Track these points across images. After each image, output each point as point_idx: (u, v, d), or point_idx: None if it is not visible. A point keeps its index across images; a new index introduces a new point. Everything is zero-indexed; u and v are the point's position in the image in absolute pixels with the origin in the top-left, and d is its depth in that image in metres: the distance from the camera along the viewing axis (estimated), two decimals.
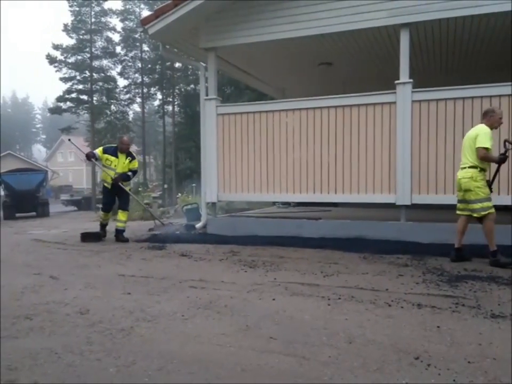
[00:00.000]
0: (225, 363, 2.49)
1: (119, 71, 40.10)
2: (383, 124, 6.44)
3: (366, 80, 9.06)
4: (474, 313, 3.26)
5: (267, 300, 3.70)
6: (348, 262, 5.20)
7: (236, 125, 7.40)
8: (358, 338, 2.82)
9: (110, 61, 39.33)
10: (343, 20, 6.41)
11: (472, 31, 6.84)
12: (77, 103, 37.45)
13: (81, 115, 39.06)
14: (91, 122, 37.45)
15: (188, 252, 5.96)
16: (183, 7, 6.87)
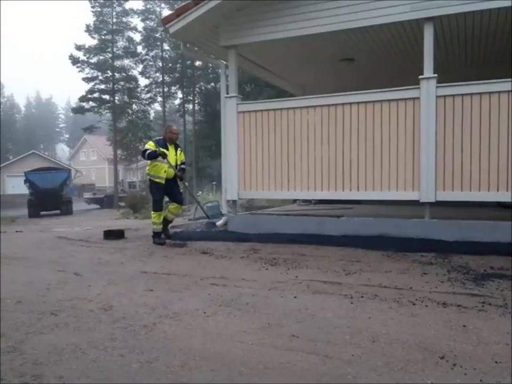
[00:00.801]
0: (247, 360, 2.49)
1: (140, 71, 40.64)
2: (407, 120, 6.33)
3: (389, 75, 8.90)
4: (502, 312, 3.19)
5: (289, 297, 3.69)
6: (371, 260, 5.14)
7: (257, 122, 7.38)
8: (382, 337, 2.79)
9: (132, 60, 39.87)
10: (365, 15, 6.31)
11: (499, 24, 6.65)
12: (99, 102, 38.09)
13: (103, 114, 39.67)
14: (113, 122, 38.03)
15: (209, 250, 5.98)
16: (203, 5, 6.87)
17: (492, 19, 6.46)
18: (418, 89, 6.18)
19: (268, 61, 9.07)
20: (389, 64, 8.78)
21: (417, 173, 6.21)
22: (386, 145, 6.46)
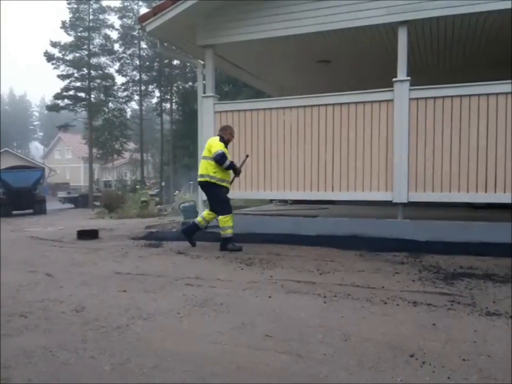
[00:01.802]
0: (221, 361, 2.49)
1: (117, 69, 40.10)
2: (381, 122, 6.44)
3: (364, 77, 9.03)
4: (470, 310, 3.27)
5: (263, 297, 3.70)
6: (344, 259, 5.20)
7: (233, 122, 7.37)
8: (354, 336, 2.82)
9: (108, 58, 39.32)
10: (341, 17, 6.39)
11: (470, 28, 6.82)
12: (74, 100, 37.44)
13: (78, 112, 39.06)
14: (89, 120, 37.43)
15: (184, 250, 5.96)
16: (181, 4, 6.84)
17: (464, 24, 6.62)
18: (392, 91, 6.30)
19: (245, 61, 9.09)
20: (365, 66, 8.90)
21: (391, 174, 6.33)
22: (361, 146, 6.56)
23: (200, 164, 6.24)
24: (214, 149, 5.98)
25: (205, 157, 6.12)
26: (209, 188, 6.14)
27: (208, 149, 6.08)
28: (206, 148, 6.16)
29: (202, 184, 6.21)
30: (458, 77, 6.78)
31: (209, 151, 6.05)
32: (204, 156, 6.14)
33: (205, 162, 6.10)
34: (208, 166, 6.06)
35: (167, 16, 6.95)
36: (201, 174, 6.14)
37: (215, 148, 5.99)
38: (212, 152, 5.99)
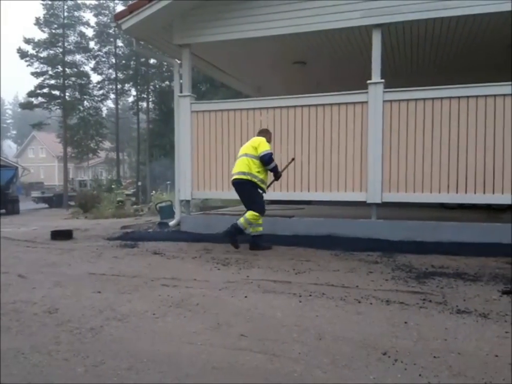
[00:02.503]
0: (196, 361, 2.49)
1: (93, 67, 39.43)
2: (355, 123, 6.53)
3: (339, 79, 9.15)
4: (441, 309, 3.34)
5: (239, 297, 3.71)
6: (320, 259, 5.25)
7: (211, 122, 7.37)
8: (328, 334, 2.86)
9: (83, 56, 38.64)
10: (316, 19, 6.46)
11: (442, 33, 6.99)
12: (48, 98, 36.66)
13: (53, 111, 38.26)
14: (63, 118, 36.71)
15: (160, 250, 5.92)
16: (157, 3, 6.80)
17: (436, 28, 6.77)
18: (366, 93, 6.40)
19: (222, 61, 9.08)
20: (340, 68, 9.01)
21: (365, 175, 6.43)
22: (336, 147, 6.65)
23: (239, 160, 5.88)
24: (262, 148, 5.73)
25: (248, 155, 5.79)
26: (248, 187, 5.81)
27: (253, 146, 5.79)
28: (249, 146, 5.87)
29: (241, 181, 5.81)
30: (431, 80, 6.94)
31: (254, 148, 5.76)
32: (246, 154, 5.81)
33: (248, 160, 5.77)
34: (251, 164, 5.75)
35: (143, 14, 6.89)
36: (242, 171, 5.77)
37: (263, 147, 5.74)
38: (258, 151, 5.72)
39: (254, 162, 5.76)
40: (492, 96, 5.98)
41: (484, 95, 6.00)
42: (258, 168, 5.77)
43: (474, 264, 4.86)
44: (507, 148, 5.95)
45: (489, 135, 6.02)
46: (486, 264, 4.87)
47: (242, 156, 5.87)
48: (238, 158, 5.94)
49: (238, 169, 5.86)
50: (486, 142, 6.03)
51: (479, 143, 6.05)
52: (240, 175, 5.81)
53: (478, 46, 7.56)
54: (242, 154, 5.90)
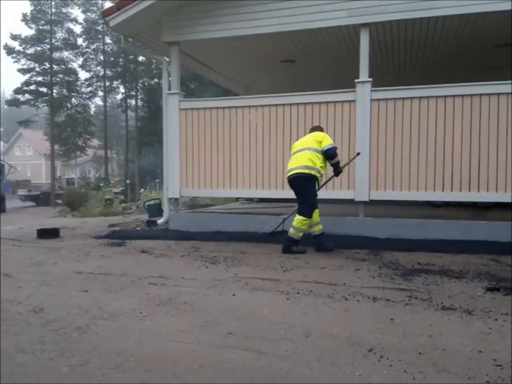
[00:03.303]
0: (183, 360, 2.49)
1: (81, 64, 39.04)
2: (343, 122, 6.57)
3: (328, 78, 9.17)
4: (426, 305, 3.38)
5: (227, 295, 3.71)
6: (308, 257, 5.28)
7: (199, 120, 7.35)
8: (315, 332, 2.87)
9: (71, 52, 38.24)
10: (304, 18, 6.47)
11: (429, 32, 7.04)
12: (36, 95, 36.23)
13: (40, 108, 37.85)
14: (51, 116, 36.35)
15: (148, 248, 5.89)
16: (144, 0, 6.75)
17: (423, 27, 6.82)
18: (354, 92, 6.43)
19: (211, 59, 9.05)
20: (328, 67, 9.04)
21: (353, 173, 6.47)
22: None
23: (299, 154, 5.55)
24: (326, 142, 5.46)
25: (311, 148, 5.48)
26: (309, 182, 5.48)
27: (316, 140, 5.50)
28: (311, 140, 5.56)
29: (304, 176, 5.46)
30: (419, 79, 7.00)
31: (318, 142, 5.47)
32: (309, 147, 5.49)
33: (310, 154, 5.44)
34: (315, 159, 5.43)
35: (131, 11, 6.84)
36: (305, 165, 5.42)
37: (327, 141, 5.47)
38: (322, 145, 5.45)
39: (318, 156, 5.46)
40: (478, 95, 6.06)
41: (470, 94, 6.08)
42: (322, 163, 5.51)
43: (459, 262, 4.92)
44: (492, 146, 6.04)
45: (474, 134, 6.09)
46: (470, 262, 4.93)
47: (304, 149, 5.52)
48: (297, 152, 5.59)
49: (300, 163, 5.48)
50: (472, 140, 6.10)
51: (465, 142, 6.12)
52: (303, 169, 5.45)
53: (464, 46, 7.63)
54: (303, 148, 5.55)
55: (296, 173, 5.51)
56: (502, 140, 6.01)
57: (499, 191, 6.03)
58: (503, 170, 6.00)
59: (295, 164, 5.54)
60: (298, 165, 5.50)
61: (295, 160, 5.57)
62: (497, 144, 6.03)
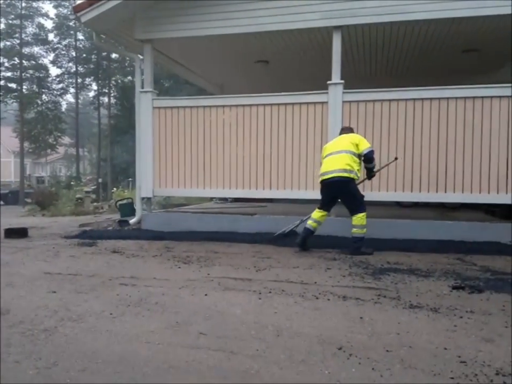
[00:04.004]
0: (153, 360, 2.47)
1: (52, 60, 38.24)
2: (316, 123, 6.64)
3: (301, 79, 9.25)
4: (395, 304, 3.45)
5: (199, 295, 3.70)
6: (281, 256, 5.31)
7: (173, 119, 7.30)
8: (286, 331, 2.89)
9: (42, 48, 37.42)
10: (278, 19, 6.51)
11: (399, 36, 7.18)
12: (4, 91, 35.24)
13: (9, 104, 36.86)
14: (20, 112, 35.41)
15: (120, 249, 5.82)
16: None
17: (393, 31, 6.94)
18: (327, 94, 6.51)
19: (185, 58, 9.00)
20: (302, 68, 9.10)
21: None
22: (297, 146, 6.74)
23: (336, 156, 5.46)
24: (364, 145, 5.43)
25: (348, 151, 5.42)
26: (350, 185, 5.43)
27: (353, 143, 5.45)
28: (346, 142, 5.50)
29: (344, 179, 5.38)
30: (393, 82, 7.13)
31: (355, 145, 5.43)
32: (346, 150, 5.43)
33: (348, 157, 5.38)
34: (352, 162, 5.38)
35: (103, 7, 6.74)
36: (344, 168, 5.35)
37: (366, 144, 5.45)
38: (360, 148, 5.41)
39: (354, 159, 5.41)
40: (445, 98, 6.23)
41: (438, 98, 6.24)
42: (358, 166, 5.47)
43: (427, 261, 5.05)
44: (459, 148, 6.21)
45: (442, 136, 6.25)
46: (437, 261, 5.06)
47: (340, 152, 5.44)
48: (332, 154, 5.50)
49: (338, 166, 5.38)
50: (439, 143, 6.26)
51: (433, 143, 6.27)
52: (342, 172, 5.35)
53: (433, 50, 7.82)
54: (339, 150, 5.47)
55: (336, 177, 5.40)
56: (468, 142, 6.19)
57: (465, 192, 6.21)
58: (469, 171, 6.19)
59: (333, 167, 5.42)
60: (337, 168, 5.39)
61: (331, 162, 5.46)
62: (463, 146, 6.21)
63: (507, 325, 2.98)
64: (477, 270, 4.60)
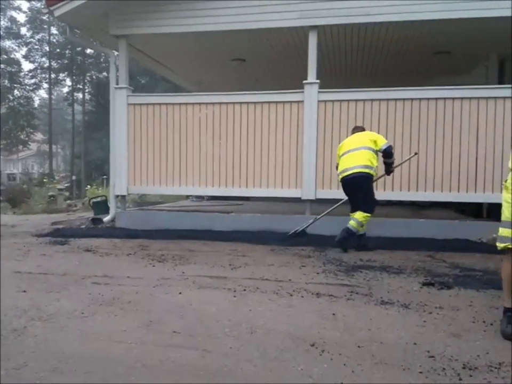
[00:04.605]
0: (125, 360, 2.45)
1: (24, 54, 37.32)
2: (292, 122, 6.68)
3: (278, 78, 9.28)
4: (366, 300, 3.51)
5: (173, 294, 3.68)
6: (256, 254, 5.33)
7: (148, 115, 7.23)
8: (260, 328, 2.91)
9: (14, 42, 36.50)
10: (254, 17, 6.51)
11: (374, 37, 7.27)
12: None
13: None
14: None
15: (93, 247, 5.74)
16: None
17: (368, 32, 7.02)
18: (302, 93, 6.55)
19: (162, 55, 8.91)
20: (280, 67, 9.13)
21: (300, 173, 6.60)
22: (273, 145, 6.77)
23: (355, 153, 5.48)
24: (382, 141, 5.51)
25: (368, 147, 5.47)
26: (370, 181, 5.50)
27: (371, 139, 5.52)
28: (365, 139, 5.55)
29: (364, 175, 5.42)
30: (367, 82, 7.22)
31: (373, 141, 5.49)
32: (366, 146, 5.47)
33: (368, 153, 5.44)
34: (372, 158, 5.45)
35: (77, 2, 6.62)
36: (365, 164, 5.40)
37: (383, 140, 5.53)
38: (378, 144, 5.47)
39: (373, 155, 5.48)
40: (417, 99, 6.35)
41: (410, 98, 6.36)
42: (377, 162, 5.55)
43: (398, 258, 5.15)
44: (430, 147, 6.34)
45: (414, 136, 6.38)
46: (409, 258, 5.17)
47: (359, 148, 5.48)
48: (351, 151, 5.51)
49: (359, 162, 5.42)
50: (412, 142, 6.38)
51: (405, 143, 6.39)
52: (364, 168, 5.40)
53: (406, 52, 7.94)
54: (358, 147, 5.50)
55: (357, 172, 5.42)
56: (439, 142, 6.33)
57: (436, 191, 6.35)
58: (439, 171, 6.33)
59: (353, 163, 5.45)
60: (358, 164, 5.42)
61: (351, 159, 5.49)
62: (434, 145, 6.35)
63: (474, 320, 3.07)
64: (447, 267, 4.72)
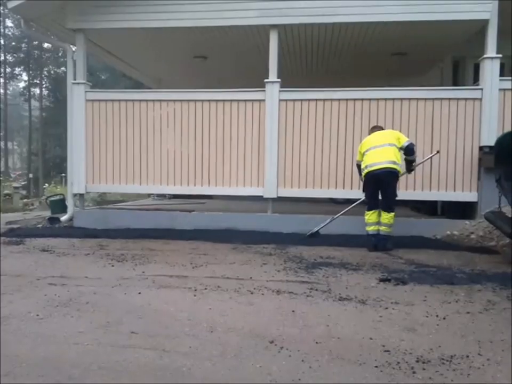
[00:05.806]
0: (81, 362, 2.40)
1: None
2: (253, 120, 6.71)
3: (240, 76, 9.28)
4: (325, 297, 3.57)
5: (132, 294, 3.64)
6: (218, 252, 5.33)
7: (107, 112, 7.09)
8: (220, 326, 2.91)
9: None
10: (216, 15, 6.50)
11: (334, 38, 7.39)
12: None
13: None
14: None
15: (49, 247, 5.58)
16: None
17: (328, 33, 7.13)
18: (264, 92, 6.59)
19: (121, 50, 8.73)
20: (241, 65, 9.13)
21: (262, 171, 6.65)
22: (235, 143, 6.78)
23: (382, 149, 5.50)
24: (404, 138, 5.60)
25: (392, 144, 5.53)
26: (394, 178, 5.52)
27: (395, 137, 5.60)
28: (388, 136, 5.61)
29: (391, 171, 5.45)
30: (328, 82, 7.32)
31: (396, 139, 5.57)
32: (390, 143, 5.53)
33: (393, 149, 5.50)
34: (397, 155, 5.50)
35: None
36: (392, 160, 5.43)
37: (404, 137, 5.62)
38: (400, 141, 5.56)
39: (398, 152, 5.55)
40: (375, 100, 6.51)
41: (368, 99, 6.51)
42: (400, 159, 5.61)
43: (357, 255, 5.26)
44: None
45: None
46: (367, 255, 5.30)
47: (385, 145, 5.53)
48: (376, 148, 5.54)
49: (386, 158, 5.45)
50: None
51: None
52: (392, 164, 5.43)
53: (365, 52, 8.11)
54: (383, 143, 5.55)
55: (385, 168, 5.45)
56: None
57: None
58: None
59: (380, 159, 5.48)
60: (386, 160, 5.45)
61: (378, 154, 5.51)
62: None
63: (427, 314, 3.18)
64: (403, 263, 4.86)
